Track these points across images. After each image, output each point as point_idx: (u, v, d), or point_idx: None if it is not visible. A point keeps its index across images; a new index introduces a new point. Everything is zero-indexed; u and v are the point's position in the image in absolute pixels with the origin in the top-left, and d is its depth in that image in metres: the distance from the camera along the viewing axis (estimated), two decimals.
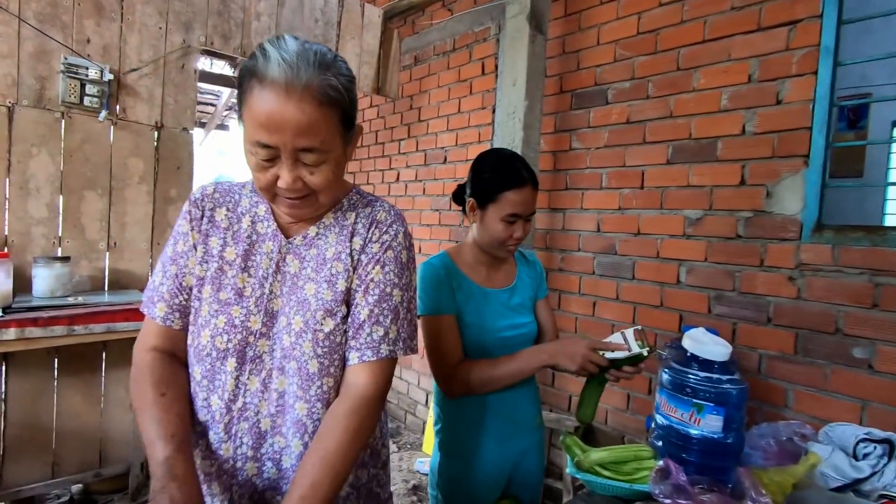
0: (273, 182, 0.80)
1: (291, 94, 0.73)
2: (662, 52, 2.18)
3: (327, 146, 0.78)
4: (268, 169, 0.79)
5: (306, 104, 0.74)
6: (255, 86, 0.75)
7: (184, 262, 0.90)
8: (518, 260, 1.44)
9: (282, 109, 0.73)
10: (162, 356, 0.89)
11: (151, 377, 0.85)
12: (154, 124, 2.45)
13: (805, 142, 1.78)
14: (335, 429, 0.80)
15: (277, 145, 0.75)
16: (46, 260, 2.04)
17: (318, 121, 0.75)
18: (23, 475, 2.19)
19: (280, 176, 0.78)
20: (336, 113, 0.78)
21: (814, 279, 1.75)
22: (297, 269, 0.89)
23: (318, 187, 0.81)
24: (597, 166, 2.43)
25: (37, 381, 2.19)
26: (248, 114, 0.76)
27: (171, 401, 0.83)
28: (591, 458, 1.46)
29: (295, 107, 0.73)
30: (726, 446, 1.48)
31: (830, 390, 1.70)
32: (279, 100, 0.73)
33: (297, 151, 0.77)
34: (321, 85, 0.75)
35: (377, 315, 0.87)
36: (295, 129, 0.74)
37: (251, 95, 0.75)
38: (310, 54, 0.76)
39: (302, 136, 0.75)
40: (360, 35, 3.11)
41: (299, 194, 0.81)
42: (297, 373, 0.85)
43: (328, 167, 0.80)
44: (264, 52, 0.75)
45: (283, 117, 0.73)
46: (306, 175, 0.79)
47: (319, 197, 0.84)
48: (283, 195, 0.81)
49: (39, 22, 2.12)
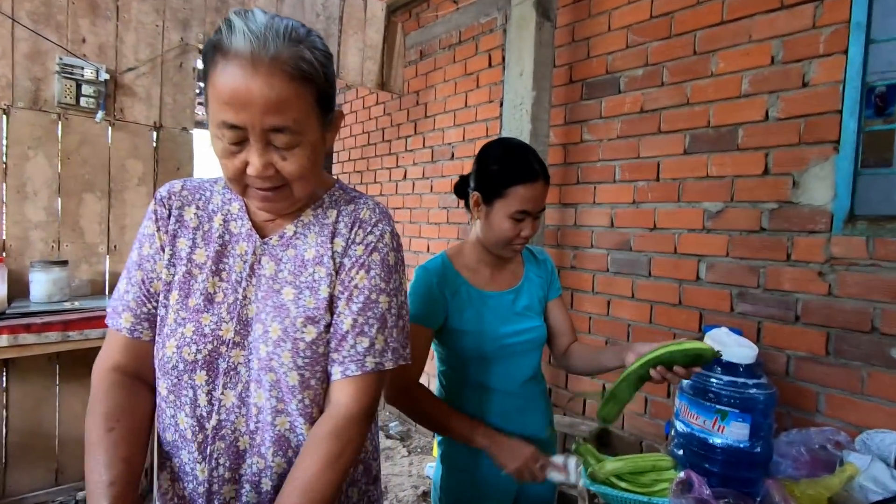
0: (242, 170, 0.71)
1: (259, 67, 0.65)
2: (677, 35, 2.06)
3: (300, 127, 0.70)
4: (236, 155, 0.71)
5: (275, 78, 0.66)
6: (219, 60, 0.67)
7: (150, 266, 0.82)
8: (526, 258, 1.33)
9: (248, 84, 0.65)
10: (121, 379, 0.80)
11: (104, 407, 0.77)
12: (152, 124, 2.40)
13: (835, 127, 1.65)
14: (315, 454, 0.73)
15: (244, 125, 0.67)
16: (43, 264, 2.00)
17: (288, 97, 0.67)
18: (26, 483, 2.16)
19: (249, 162, 0.70)
20: (310, 90, 0.70)
21: (846, 274, 1.62)
22: (272, 272, 0.80)
23: (291, 175, 0.72)
24: (610, 158, 2.32)
25: (38, 388, 2.16)
26: (213, 91, 0.68)
27: (118, 439, 0.74)
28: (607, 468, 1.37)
29: (262, 81, 0.65)
30: (753, 456, 1.37)
31: (867, 394, 1.57)
32: (245, 73, 0.65)
33: (266, 132, 0.68)
34: (292, 57, 0.67)
35: (361, 324, 0.78)
36: (263, 105, 0.66)
37: (215, 71, 0.68)
38: (279, 26, 0.68)
39: (271, 113, 0.67)
40: (363, 30, 3.04)
41: (271, 184, 0.73)
42: (275, 385, 0.77)
43: (303, 152, 0.72)
44: (229, 24, 0.67)
45: (249, 93, 0.65)
46: (278, 161, 0.71)
47: (294, 187, 0.75)
48: (254, 185, 0.73)
49: (33, 22, 2.08)
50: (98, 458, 0.73)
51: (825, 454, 1.46)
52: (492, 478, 1.19)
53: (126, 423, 0.77)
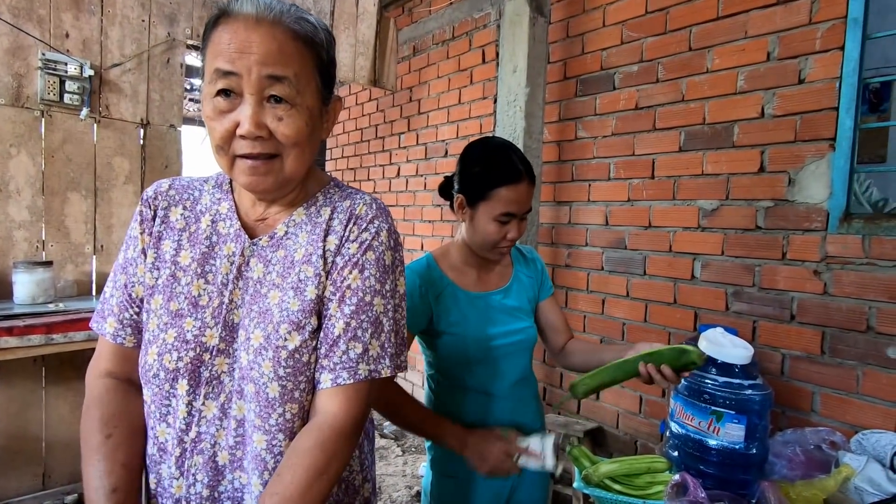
0: (231, 132, 0.67)
1: (262, 22, 0.66)
2: (673, 31, 2.04)
3: (300, 84, 0.68)
4: (226, 114, 0.67)
5: (278, 32, 0.67)
6: (221, 23, 0.67)
7: (133, 269, 0.78)
8: (514, 258, 1.31)
9: (248, 34, 0.65)
10: (115, 384, 0.78)
11: (99, 413, 0.74)
12: (139, 121, 2.35)
13: (831, 124, 1.64)
14: (296, 468, 0.68)
15: (240, 72, 0.65)
16: (27, 265, 1.96)
17: (291, 51, 0.67)
18: (12, 487, 2.12)
19: (240, 121, 0.67)
20: (312, 54, 0.70)
21: (842, 273, 1.61)
22: (260, 275, 0.76)
23: (287, 139, 0.69)
24: (604, 156, 2.30)
25: (23, 391, 2.12)
26: (211, 48, 0.67)
27: (116, 445, 0.72)
28: (601, 470, 1.35)
29: (265, 31, 0.66)
30: (749, 458, 1.36)
31: (862, 393, 1.57)
32: (247, 27, 0.66)
33: (263, 81, 0.66)
34: (297, 18, 0.69)
35: (355, 329, 0.73)
36: (263, 53, 0.66)
37: (216, 31, 0.67)
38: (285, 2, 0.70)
39: (270, 62, 0.66)
40: (355, 25, 2.99)
41: (263, 149, 0.68)
42: (254, 397, 0.72)
43: (300, 115, 0.69)
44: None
45: (248, 41, 0.65)
46: (273, 122, 0.68)
47: (286, 159, 0.70)
48: (243, 150, 0.68)
49: (14, 16, 2.02)
50: (97, 465, 0.70)
51: (820, 454, 1.45)
52: (482, 483, 1.17)
53: (123, 428, 0.75)
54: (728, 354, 1.39)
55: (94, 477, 0.70)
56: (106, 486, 0.68)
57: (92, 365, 0.80)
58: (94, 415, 0.74)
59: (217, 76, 0.66)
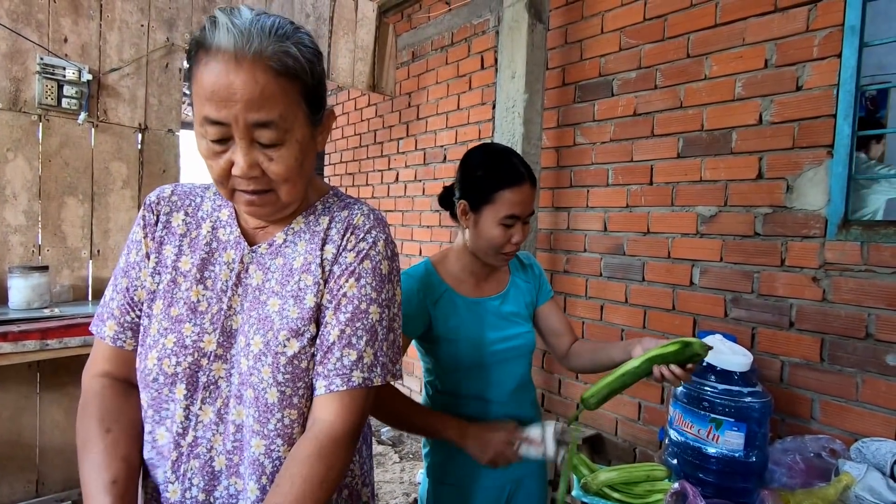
0: (228, 171, 0.69)
1: (242, 61, 0.64)
2: (671, 38, 2.04)
3: (287, 123, 0.68)
4: (220, 155, 0.68)
5: (259, 72, 0.64)
6: (202, 57, 0.65)
7: (135, 273, 0.79)
8: (511, 263, 1.30)
9: (230, 79, 0.64)
10: (112, 383, 0.78)
11: (97, 409, 0.74)
12: (137, 126, 2.35)
13: (829, 130, 1.64)
14: (295, 477, 0.68)
15: (228, 121, 0.65)
16: (22, 269, 1.94)
17: (273, 92, 0.65)
18: (5, 494, 2.10)
19: (234, 162, 0.68)
20: (296, 86, 0.68)
21: (841, 279, 1.60)
22: (259, 282, 0.77)
23: (278, 177, 0.69)
24: (603, 162, 2.30)
25: (17, 396, 2.10)
26: (196, 88, 0.66)
27: (116, 440, 0.72)
28: (600, 478, 1.34)
29: (246, 75, 0.64)
30: (748, 466, 1.35)
31: (862, 401, 1.56)
32: (227, 69, 0.64)
33: (250, 129, 0.66)
34: (276, 53, 0.65)
35: (349, 336, 0.74)
36: (246, 100, 0.64)
37: (198, 68, 0.66)
38: (265, 23, 0.66)
39: (255, 108, 0.65)
40: (354, 31, 3.00)
41: (257, 186, 0.70)
42: (253, 403, 0.73)
43: (289, 152, 0.69)
44: (213, 21, 0.65)
45: (231, 87, 0.64)
46: (264, 162, 0.68)
47: (281, 191, 0.71)
48: (240, 187, 0.70)
49: (12, 21, 2.02)
50: (95, 458, 0.70)
51: (820, 462, 1.44)
52: (479, 490, 1.16)
53: (122, 424, 0.74)
54: (727, 362, 1.39)
55: (91, 470, 0.69)
56: (105, 478, 0.68)
57: (88, 366, 0.81)
58: (92, 411, 0.74)
59: (207, 123, 0.66)
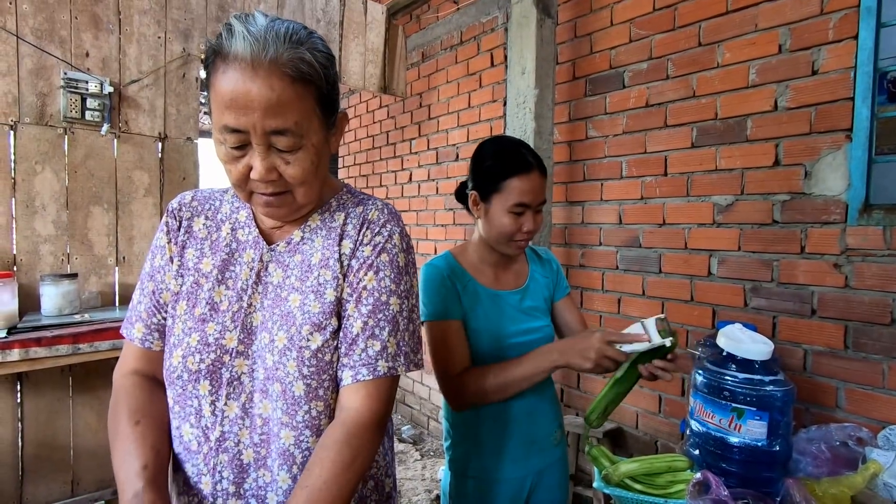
0: (246, 175, 0.72)
1: (258, 69, 0.66)
2: (682, 27, 2.03)
3: (302, 129, 0.70)
4: (239, 159, 0.71)
5: (275, 80, 0.66)
6: (220, 65, 0.68)
7: (161, 277, 0.83)
8: (530, 258, 1.32)
9: (248, 87, 0.66)
10: (142, 380, 0.82)
11: (127, 405, 0.78)
12: (157, 135, 2.41)
13: (847, 114, 1.61)
14: (324, 461, 0.70)
15: (246, 128, 0.68)
16: (53, 278, 2.01)
17: (289, 99, 0.67)
18: (42, 495, 2.18)
19: (252, 166, 0.70)
20: (311, 92, 0.70)
21: (863, 265, 1.58)
22: (280, 279, 0.79)
23: (294, 179, 0.72)
24: (616, 154, 2.29)
25: (52, 400, 2.17)
26: (214, 96, 0.69)
27: (145, 430, 0.76)
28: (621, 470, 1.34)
29: (262, 83, 0.66)
30: (772, 455, 1.34)
31: (889, 388, 1.53)
32: (244, 77, 0.66)
33: (268, 135, 0.68)
34: (292, 59, 0.67)
35: (372, 327, 0.76)
36: (263, 107, 0.66)
37: (216, 76, 0.68)
38: (280, 28, 0.68)
39: (271, 115, 0.67)
40: (364, 34, 3.03)
41: (275, 189, 0.73)
42: (281, 396, 0.75)
43: (306, 156, 0.72)
44: (230, 29, 0.68)
45: (249, 96, 0.66)
46: (281, 165, 0.71)
47: (297, 193, 0.74)
48: (258, 190, 0.73)
49: (37, 38, 2.10)
50: (127, 447, 0.73)
51: (847, 451, 1.42)
52: (502, 485, 1.17)
53: (151, 418, 0.78)
54: (747, 350, 1.37)
55: (123, 458, 0.73)
56: (136, 465, 0.71)
57: (119, 366, 0.85)
58: (123, 406, 0.78)
59: (226, 131, 0.69)
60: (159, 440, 0.77)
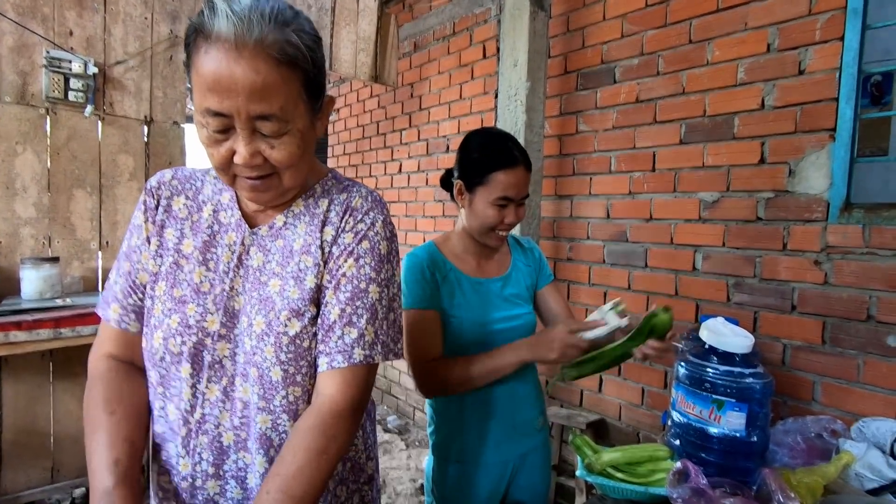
0: (229, 159, 0.69)
1: (242, 51, 0.63)
2: (673, 24, 2.04)
3: (288, 114, 0.68)
4: (221, 143, 0.69)
5: (260, 62, 0.63)
6: (202, 45, 0.64)
7: (137, 257, 0.80)
8: (512, 247, 1.33)
9: (231, 69, 0.63)
10: (117, 366, 0.80)
11: (102, 392, 0.76)
12: (143, 119, 2.37)
13: (831, 114, 1.64)
14: (297, 448, 0.70)
15: (230, 112, 0.65)
16: (34, 261, 1.98)
17: (274, 82, 0.65)
18: (21, 481, 2.15)
19: (236, 150, 0.68)
20: (297, 75, 0.68)
21: (842, 263, 1.62)
22: (260, 263, 0.78)
23: (280, 164, 0.70)
24: (605, 149, 2.30)
25: (31, 386, 2.14)
26: (196, 77, 0.66)
27: (119, 421, 0.74)
28: (603, 459, 1.36)
29: (247, 65, 0.63)
30: (750, 445, 1.37)
31: (863, 382, 1.57)
32: (228, 58, 0.63)
33: (252, 119, 0.66)
34: (277, 40, 0.64)
35: (350, 314, 0.76)
36: (248, 91, 0.64)
37: (198, 56, 0.65)
38: (265, 7, 0.65)
39: (256, 100, 0.65)
40: (356, 21, 3.00)
41: (259, 172, 0.71)
42: (258, 381, 0.75)
43: (291, 140, 0.70)
44: (212, 6, 0.64)
45: (233, 78, 0.63)
46: (266, 149, 0.69)
47: (283, 177, 0.73)
48: (242, 174, 0.71)
49: (19, 15, 2.04)
50: (100, 439, 0.72)
51: (821, 442, 1.46)
52: (484, 469, 1.19)
53: (126, 406, 0.76)
54: (729, 343, 1.40)
55: (96, 451, 0.71)
56: (109, 458, 0.70)
57: (94, 349, 0.83)
58: (97, 393, 0.76)
59: (208, 114, 0.66)
60: (134, 431, 0.75)
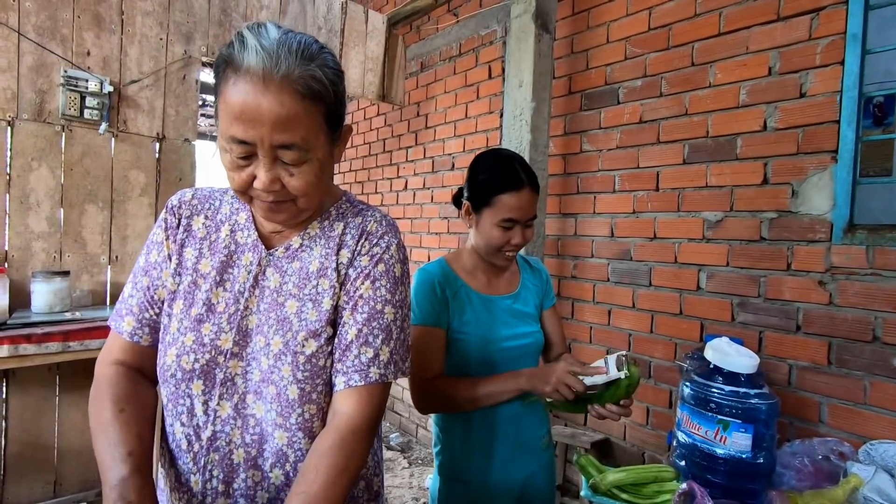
0: (249, 183, 0.72)
1: (269, 84, 0.66)
2: (676, 47, 2.08)
3: (309, 144, 0.71)
4: (243, 168, 0.72)
5: (286, 96, 0.67)
6: (231, 76, 0.68)
7: (157, 273, 0.83)
8: (521, 266, 1.34)
9: (258, 101, 0.66)
10: (126, 371, 0.81)
11: (110, 393, 0.77)
12: (155, 136, 2.42)
13: (833, 136, 1.66)
14: (319, 467, 0.71)
15: (254, 141, 0.68)
16: (45, 275, 2.01)
17: (298, 115, 0.68)
18: (24, 495, 2.15)
19: (257, 176, 0.71)
20: (319, 108, 0.71)
21: (847, 283, 1.62)
22: (277, 284, 0.81)
23: (297, 191, 0.73)
24: (609, 168, 2.33)
25: (38, 399, 2.15)
26: (223, 106, 0.69)
27: (130, 418, 0.75)
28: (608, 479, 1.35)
29: (273, 98, 0.66)
30: (756, 467, 1.36)
31: (870, 404, 1.56)
32: (255, 90, 0.66)
33: (275, 148, 0.69)
34: (303, 76, 0.68)
35: (366, 335, 0.78)
36: (272, 122, 0.67)
37: (226, 87, 0.69)
38: (292, 43, 0.69)
39: (280, 130, 0.68)
40: (364, 42, 3.07)
41: (277, 198, 0.74)
42: (275, 399, 0.76)
43: (310, 169, 0.73)
44: (242, 40, 0.68)
45: (259, 110, 0.66)
46: (285, 177, 0.72)
47: (299, 202, 0.76)
48: (259, 197, 0.74)
49: (39, 35, 2.11)
50: (110, 436, 0.72)
51: (829, 465, 1.44)
52: (490, 489, 1.19)
53: (135, 406, 0.77)
54: (734, 363, 1.40)
55: (107, 446, 0.72)
56: (121, 451, 0.70)
57: (102, 356, 0.84)
58: (106, 394, 0.77)
59: (233, 142, 0.69)
60: (144, 428, 0.76)
